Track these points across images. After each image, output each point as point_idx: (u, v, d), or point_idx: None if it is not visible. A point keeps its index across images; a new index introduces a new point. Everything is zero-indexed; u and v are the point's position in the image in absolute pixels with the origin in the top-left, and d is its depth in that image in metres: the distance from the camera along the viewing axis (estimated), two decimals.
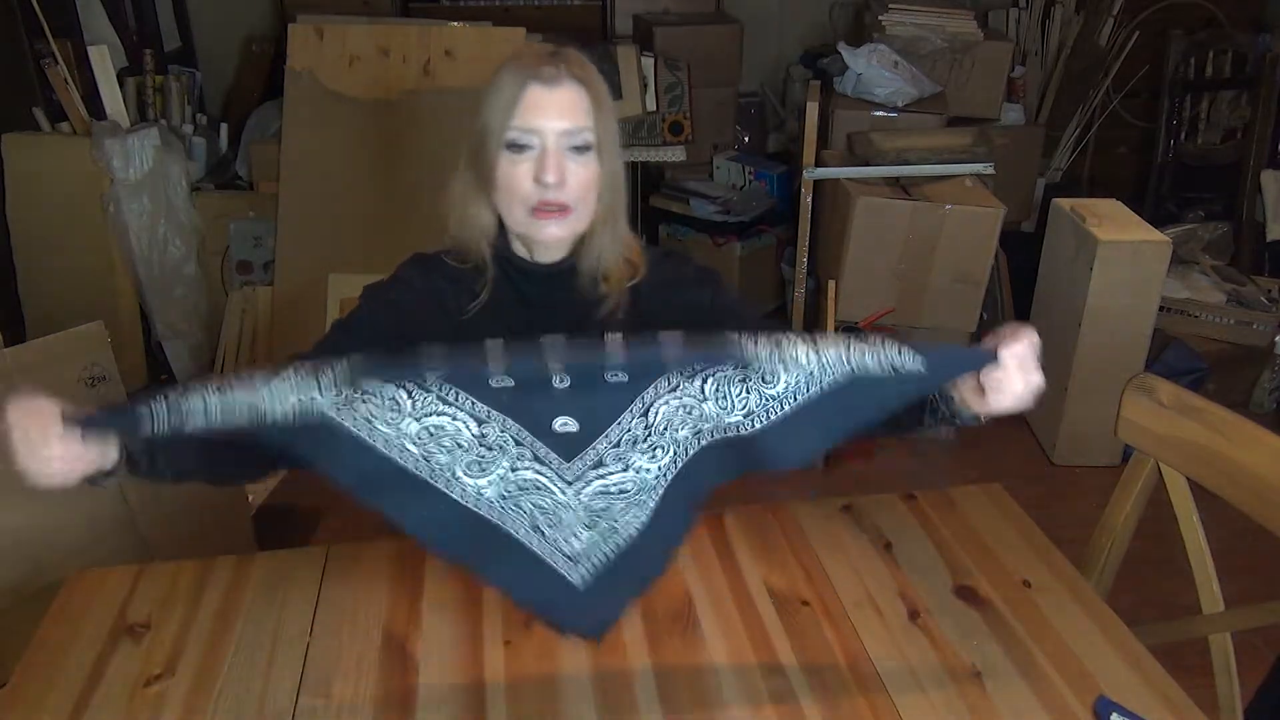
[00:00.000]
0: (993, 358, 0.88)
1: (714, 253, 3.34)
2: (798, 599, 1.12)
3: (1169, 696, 0.97)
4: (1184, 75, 3.79)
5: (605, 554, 0.99)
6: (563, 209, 1.06)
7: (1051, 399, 2.73)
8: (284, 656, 1.03)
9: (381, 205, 2.87)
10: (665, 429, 0.92)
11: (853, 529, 1.24)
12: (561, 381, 0.89)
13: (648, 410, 0.92)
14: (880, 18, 3.26)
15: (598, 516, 0.97)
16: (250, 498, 2.28)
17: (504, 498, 0.94)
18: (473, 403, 0.90)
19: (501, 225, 1.12)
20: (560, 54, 1.06)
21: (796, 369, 0.89)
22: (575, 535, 0.97)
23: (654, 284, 1.18)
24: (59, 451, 0.84)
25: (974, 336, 2.78)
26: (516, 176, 1.05)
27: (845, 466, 2.61)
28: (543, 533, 0.97)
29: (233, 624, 1.07)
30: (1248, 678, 1.20)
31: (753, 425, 0.91)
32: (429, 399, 0.89)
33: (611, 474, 0.94)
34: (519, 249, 1.14)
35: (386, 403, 0.88)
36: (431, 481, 0.92)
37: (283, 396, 0.85)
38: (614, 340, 0.88)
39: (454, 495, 0.93)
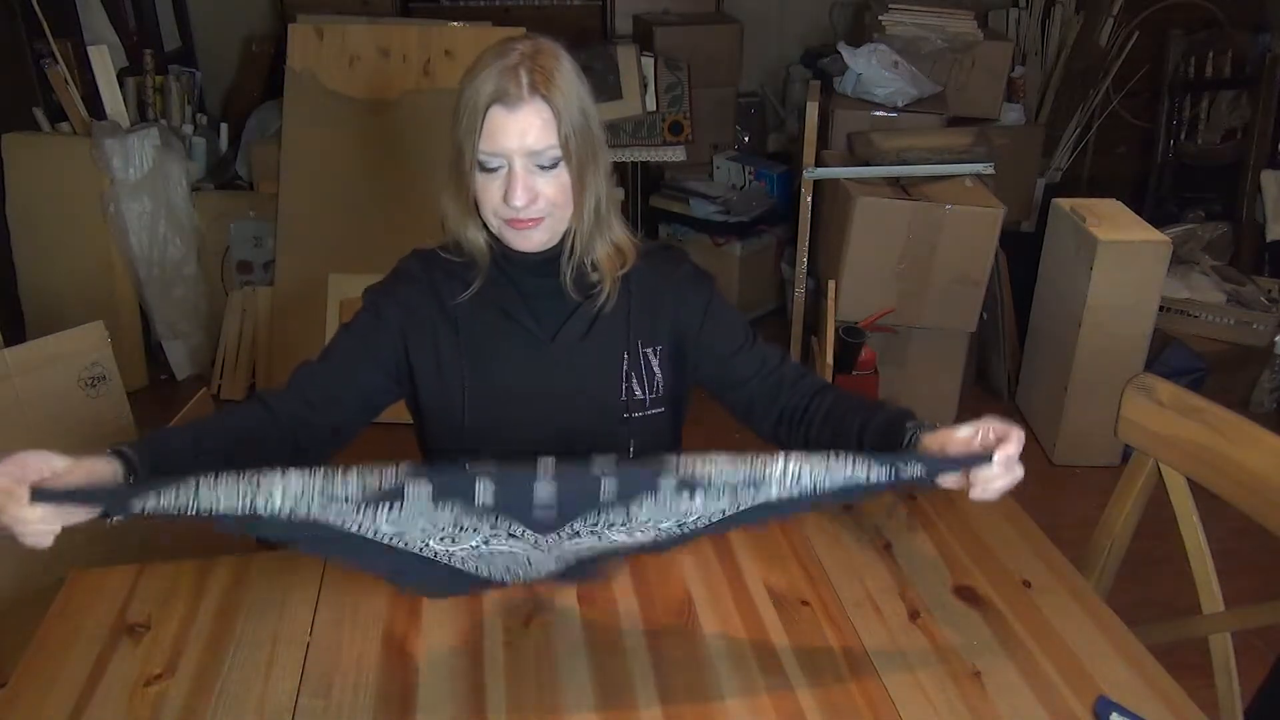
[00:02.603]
0: (987, 459, 0.91)
1: (714, 253, 3.34)
2: (798, 599, 1.12)
3: (1169, 696, 0.97)
4: (1184, 75, 3.79)
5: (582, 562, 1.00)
6: (536, 221, 1.09)
7: (1051, 399, 2.73)
8: (284, 656, 1.02)
9: (381, 205, 2.87)
10: (648, 520, 0.92)
11: (853, 529, 1.24)
12: (547, 487, 0.89)
13: (629, 508, 0.91)
14: (880, 18, 3.26)
15: (571, 564, 0.99)
16: None
17: (476, 558, 0.95)
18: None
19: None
20: (524, 62, 1.04)
21: (796, 488, 0.89)
22: (549, 570, 1.00)
23: (646, 275, 1.20)
24: (30, 515, 0.84)
25: (974, 338, 2.79)
26: (490, 192, 1.08)
27: None
28: (516, 574, 1.00)
29: (233, 624, 1.07)
30: (1248, 678, 1.20)
31: (738, 511, 0.92)
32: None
33: (585, 544, 0.94)
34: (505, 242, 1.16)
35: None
36: (405, 548, 0.92)
37: (269, 497, 0.85)
38: (605, 461, 0.89)
39: (425, 555, 0.93)
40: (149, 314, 3.02)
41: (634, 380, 1.20)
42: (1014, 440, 0.92)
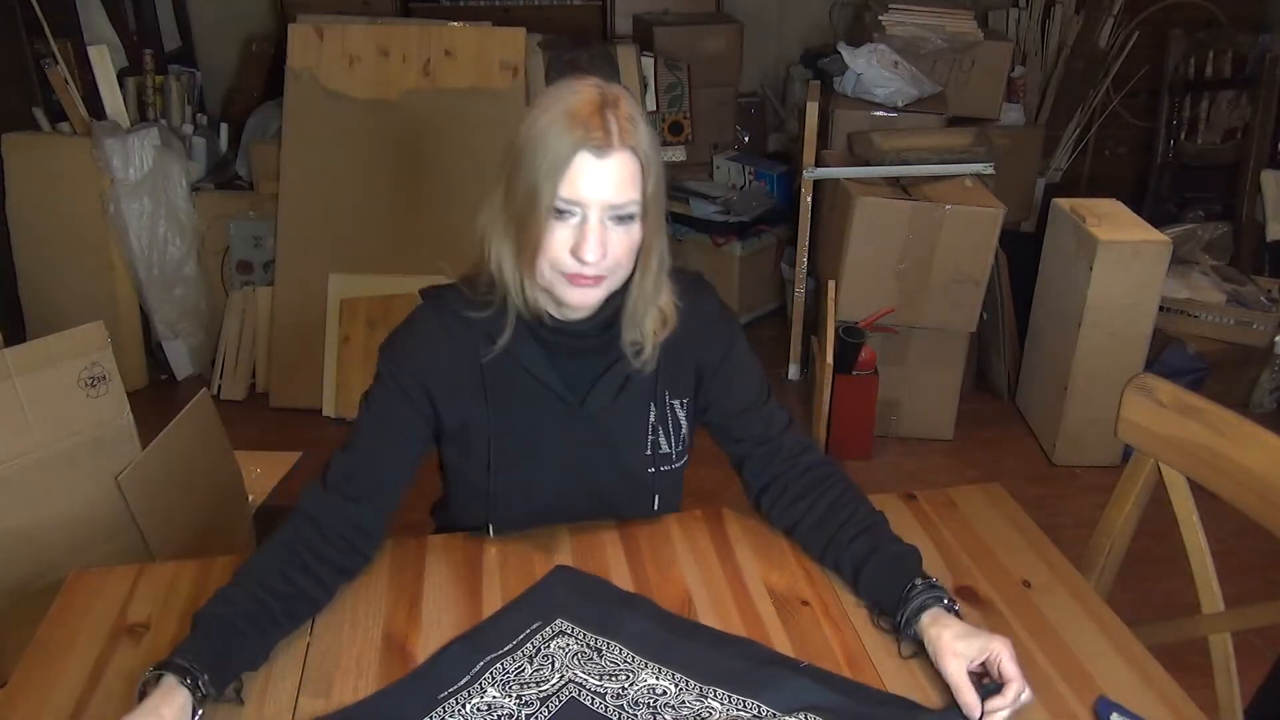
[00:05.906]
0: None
1: (714, 253, 3.34)
2: (798, 599, 1.11)
3: (1169, 696, 0.97)
4: (1184, 75, 3.79)
5: None
6: (597, 280, 1.03)
7: (1051, 399, 2.73)
8: (284, 656, 1.03)
9: (381, 205, 2.87)
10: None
11: None
12: None
13: None
14: (880, 18, 3.26)
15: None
16: (250, 498, 2.28)
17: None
18: None
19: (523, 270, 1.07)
20: (611, 106, 0.98)
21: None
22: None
23: (678, 321, 1.14)
24: None
25: (974, 337, 2.78)
26: (554, 241, 1.00)
27: (844, 465, 2.61)
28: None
29: None
30: (1248, 678, 1.20)
31: None
32: None
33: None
34: (542, 301, 1.09)
35: None
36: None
37: None
38: None
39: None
40: (149, 314, 3.01)
41: (660, 434, 1.18)
42: (1011, 691, 0.92)
